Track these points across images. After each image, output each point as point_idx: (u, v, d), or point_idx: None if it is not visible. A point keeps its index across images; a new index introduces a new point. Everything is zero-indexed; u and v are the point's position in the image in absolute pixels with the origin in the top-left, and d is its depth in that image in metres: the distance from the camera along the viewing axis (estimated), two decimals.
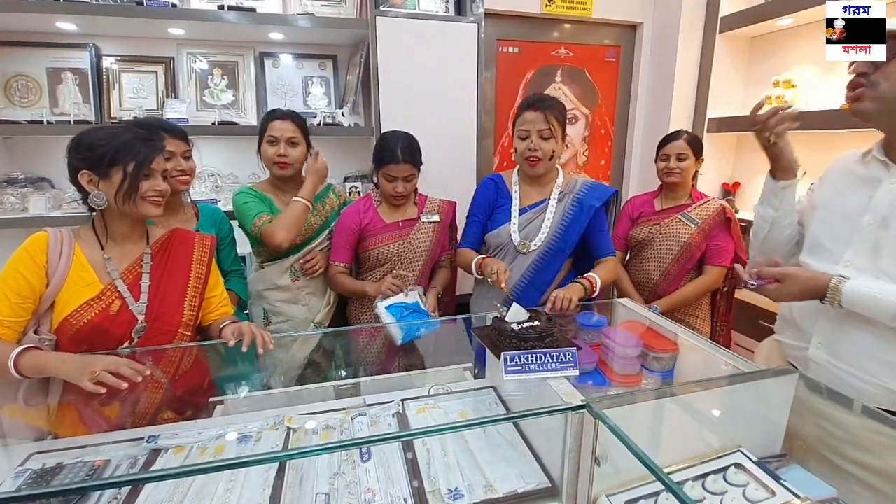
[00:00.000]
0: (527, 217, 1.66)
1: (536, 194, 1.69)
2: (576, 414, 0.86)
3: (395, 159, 1.66)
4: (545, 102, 1.58)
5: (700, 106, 2.70)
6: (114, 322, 1.17)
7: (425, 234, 1.80)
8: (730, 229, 1.93)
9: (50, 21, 1.98)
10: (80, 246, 1.19)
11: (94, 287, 1.17)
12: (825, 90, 2.28)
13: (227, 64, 2.34)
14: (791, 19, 2.30)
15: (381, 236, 1.75)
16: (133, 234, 1.24)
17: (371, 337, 1.62)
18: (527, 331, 1.06)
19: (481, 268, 1.58)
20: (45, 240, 1.15)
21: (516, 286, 1.65)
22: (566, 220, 1.63)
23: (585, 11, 2.68)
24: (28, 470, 0.93)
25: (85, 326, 1.14)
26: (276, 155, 1.68)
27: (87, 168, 1.13)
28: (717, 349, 1.18)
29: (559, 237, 1.63)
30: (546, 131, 1.56)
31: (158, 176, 1.18)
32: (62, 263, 1.14)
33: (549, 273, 1.64)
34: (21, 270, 1.11)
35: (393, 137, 1.71)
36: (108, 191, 1.14)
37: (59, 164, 2.16)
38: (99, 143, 1.12)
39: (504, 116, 2.80)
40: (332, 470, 0.97)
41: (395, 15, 2.14)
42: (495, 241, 1.70)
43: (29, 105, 2.13)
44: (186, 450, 1.02)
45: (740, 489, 0.87)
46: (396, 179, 1.69)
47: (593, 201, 1.63)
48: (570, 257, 1.69)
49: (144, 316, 1.21)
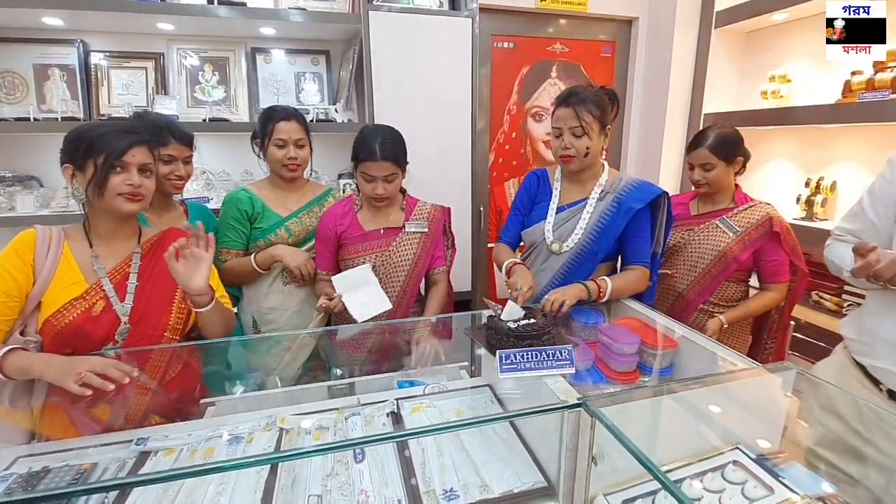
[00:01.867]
0: (563, 216, 1.56)
1: (577, 192, 1.58)
2: (572, 412, 0.85)
3: (372, 156, 1.50)
4: (577, 96, 1.46)
5: (696, 101, 2.70)
6: (96, 323, 1.14)
7: (409, 246, 1.63)
8: (780, 241, 1.67)
9: (36, 16, 1.94)
10: (69, 244, 1.16)
11: (79, 286, 1.14)
12: (820, 85, 2.28)
13: (218, 59, 2.31)
14: (786, 14, 2.29)
15: (357, 246, 1.60)
16: (120, 233, 1.21)
17: (365, 336, 1.60)
18: (522, 329, 1.05)
19: (508, 275, 1.51)
20: (32, 237, 1.13)
21: (546, 288, 1.55)
22: (603, 221, 1.51)
23: (580, 6, 2.67)
24: (14, 474, 0.91)
25: (67, 327, 1.11)
26: (285, 158, 1.62)
27: (69, 161, 1.12)
28: (714, 346, 1.17)
29: (593, 239, 1.51)
30: (578, 129, 1.46)
31: (133, 170, 1.13)
32: (49, 261, 1.12)
33: (580, 276, 1.51)
34: (8, 268, 1.09)
35: (372, 131, 1.56)
36: (83, 184, 1.11)
37: (47, 162, 2.18)
38: (80, 136, 1.11)
39: (499, 112, 2.79)
40: (325, 471, 0.96)
41: (388, 9, 2.11)
42: (530, 239, 1.63)
43: (15, 102, 2.10)
44: (176, 452, 1.00)
45: (739, 487, 0.86)
46: (375, 179, 1.53)
47: (634, 203, 1.48)
48: (610, 261, 1.58)
49: (128, 317, 1.17)
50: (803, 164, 2.42)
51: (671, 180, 2.82)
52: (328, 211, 1.67)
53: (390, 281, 1.62)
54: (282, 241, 1.66)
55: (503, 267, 1.56)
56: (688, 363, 1.23)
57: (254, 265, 1.63)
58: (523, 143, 2.87)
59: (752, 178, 2.65)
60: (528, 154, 2.89)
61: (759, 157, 2.63)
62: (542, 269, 1.60)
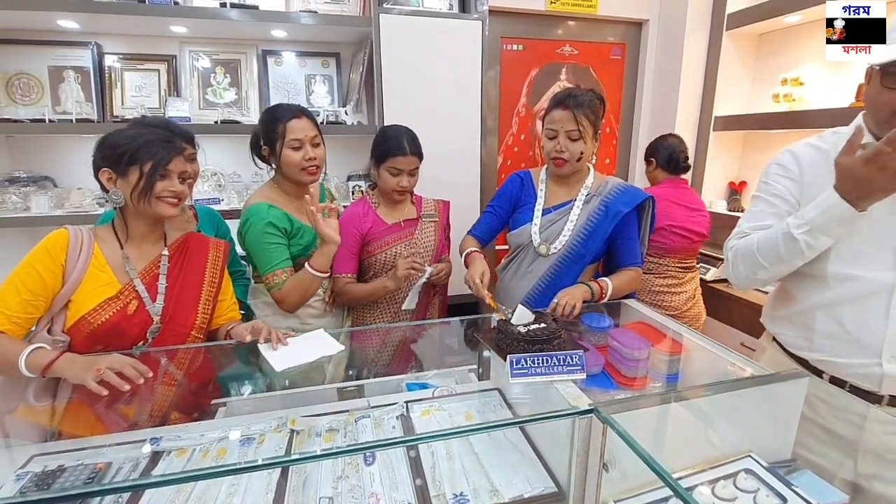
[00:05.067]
0: (550, 218, 1.58)
1: (563, 195, 1.61)
2: (583, 418, 0.85)
3: (402, 151, 1.60)
4: (576, 99, 1.47)
5: (706, 104, 2.68)
6: (130, 322, 1.18)
7: (429, 233, 1.76)
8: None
9: (51, 19, 1.97)
10: (99, 245, 1.19)
11: (113, 286, 1.18)
12: (833, 88, 2.26)
13: (230, 62, 2.33)
14: (799, 16, 2.28)
15: (385, 238, 1.69)
16: (151, 235, 1.26)
17: (375, 338, 1.60)
18: (533, 333, 1.05)
19: (465, 264, 1.56)
20: (65, 238, 1.15)
21: (533, 290, 1.59)
22: (590, 224, 1.54)
23: (590, 8, 2.66)
24: (29, 472, 0.93)
25: (102, 326, 1.15)
26: (304, 160, 1.50)
27: (108, 166, 1.15)
28: (723, 351, 1.16)
29: (581, 242, 1.54)
30: (574, 132, 1.47)
31: (175, 177, 1.19)
32: (80, 262, 1.15)
33: (567, 279, 1.54)
34: (37, 268, 1.11)
35: (396, 129, 1.66)
36: (125, 189, 1.15)
37: (61, 162, 2.21)
38: (121, 143, 1.15)
39: (508, 115, 2.78)
40: (335, 473, 0.96)
41: (398, 12, 2.12)
42: (516, 242, 1.64)
43: (31, 103, 2.12)
44: (189, 452, 1.01)
45: (751, 495, 0.85)
46: (402, 173, 1.63)
47: (621, 206, 1.51)
48: (595, 263, 1.61)
49: (160, 317, 1.22)
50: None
51: None
52: (345, 215, 1.70)
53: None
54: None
55: (463, 254, 1.63)
56: (696, 369, 1.23)
57: (313, 273, 1.46)
58: (532, 146, 2.87)
59: None
60: (536, 156, 2.88)
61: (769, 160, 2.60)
62: (528, 272, 1.61)
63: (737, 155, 2.78)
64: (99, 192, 2.02)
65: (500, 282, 1.74)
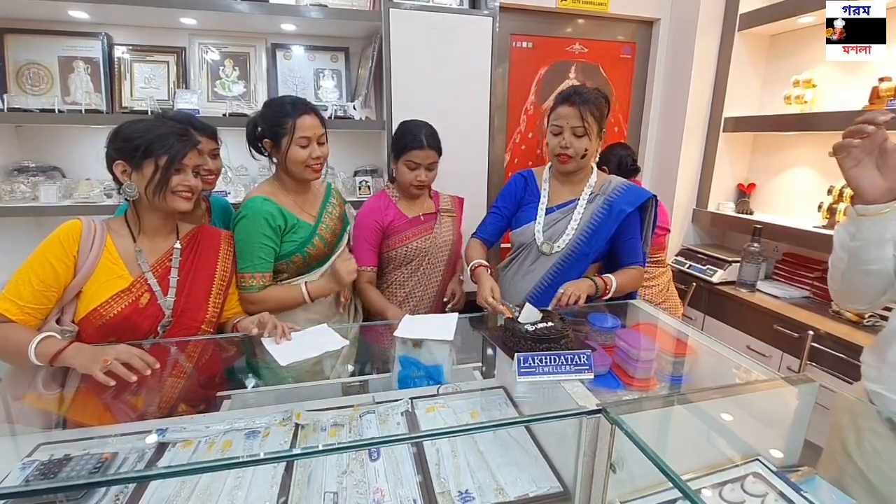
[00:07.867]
0: (553, 217, 1.58)
1: (567, 193, 1.61)
2: (591, 418, 0.84)
3: (419, 145, 1.63)
4: (582, 96, 1.47)
5: (716, 104, 2.66)
6: (142, 315, 1.19)
7: (448, 227, 1.79)
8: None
9: (62, 9, 1.97)
10: (112, 237, 1.19)
11: (125, 279, 1.18)
12: (847, 91, 2.23)
13: (239, 55, 2.32)
14: (813, 17, 2.25)
15: (406, 232, 1.71)
16: (163, 228, 1.26)
17: (380, 334, 1.60)
18: (541, 332, 1.05)
19: (472, 279, 1.56)
20: (78, 229, 1.15)
21: (536, 288, 1.59)
22: (594, 223, 1.54)
23: (601, 6, 2.64)
24: (35, 461, 0.93)
25: (114, 318, 1.15)
26: (310, 158, 1.47)
27: (122, 159, 1.15)
28: (731, 353, 1.15)
29: (584, 241, 1.54)
30: (580, 129, 1.47)
31: (189, 171, 1.19)
32: (93, 254, 1.15)
33: (570, 277, 1.54)
34: (49, 258, 1.11)
35: (415, 124, 1.69)
36: (139, 182, 1.15)
37: (70, 152, 2.21)
38: (135, 135, 1.14)
39: (516, 112, 2.77)
40: (340, 468, 0.96)
41: (408, 7, 2.11)
42: (518, 240, 1.64)
43: (40, 93, 2.13)
44: (194, 444, 1.01)
45: (759, 499, 0.85)
46: (419, 167, 1.66)
47: (625, 206, 1.51)
48: (597, 262, 1.61)
49: (171, 311, 1.22)
50: (826, 171, 2.37)
51: (689, 184, 2.78)
52: (365, 207, 1.73)
53: (437, 261, 1.76)
54: (318, 252, 1.56)
55: (469, 266, 1.61)
56: (703, 371, 1.22)
57: (306, 297, 1.47)
58: (539, 144, 2.85)
59: (771, 185, 2.61)
60: (543, 154, 2.86)
61: (780, 163, 2.58)
62: (530, 270, 1.61)
63: (746, 157, 2.75)
64: (107, 183, 2.03)
65: (502, 280, 1.73)
